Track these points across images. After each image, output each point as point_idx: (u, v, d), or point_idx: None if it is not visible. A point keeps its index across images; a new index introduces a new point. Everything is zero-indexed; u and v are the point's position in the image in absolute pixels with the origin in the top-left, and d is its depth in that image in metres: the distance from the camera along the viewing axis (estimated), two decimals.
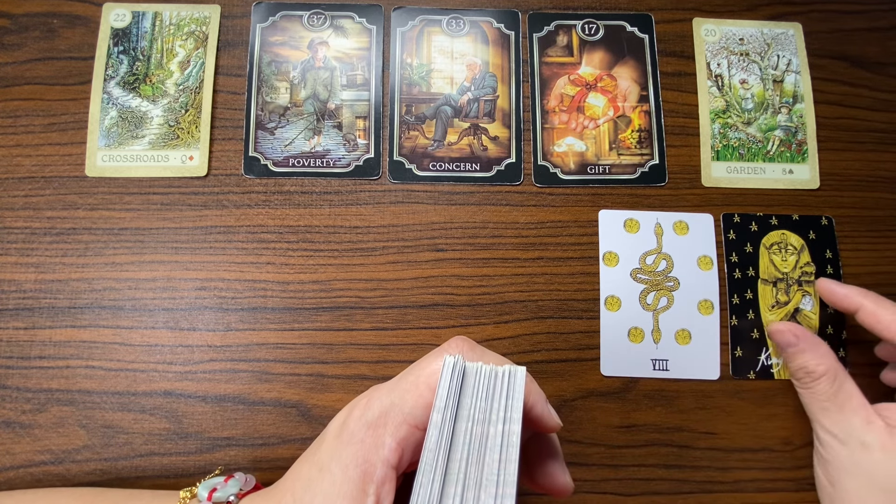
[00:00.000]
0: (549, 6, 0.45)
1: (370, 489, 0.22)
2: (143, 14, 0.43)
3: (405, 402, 0.22)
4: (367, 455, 0.22)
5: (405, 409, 0.22)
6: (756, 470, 0.39)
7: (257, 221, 0.41)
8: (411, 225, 0.41)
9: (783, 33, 0.45)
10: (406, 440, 0.22)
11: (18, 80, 0.42)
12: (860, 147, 0.44)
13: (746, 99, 0.44)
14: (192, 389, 0.38)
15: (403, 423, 0.22)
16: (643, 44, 0.45)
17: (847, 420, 0.34)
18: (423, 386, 0.22)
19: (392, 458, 0.22)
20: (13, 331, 0.38)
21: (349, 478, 0.22)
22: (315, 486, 0.23)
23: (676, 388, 0.40)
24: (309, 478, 0.24)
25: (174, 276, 0.40)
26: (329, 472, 0.22)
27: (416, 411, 0.22)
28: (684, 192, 0.43)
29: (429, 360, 0.23)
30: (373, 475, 0.22)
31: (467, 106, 0.43)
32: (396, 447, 0.22)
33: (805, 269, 0.41)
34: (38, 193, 0.40)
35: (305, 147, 0.42)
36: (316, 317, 0.40)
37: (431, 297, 0.40)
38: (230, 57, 0.43)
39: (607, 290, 0.41)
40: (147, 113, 0.42)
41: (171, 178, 0.41)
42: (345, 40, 0.44)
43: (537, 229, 0.41)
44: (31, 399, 0.38)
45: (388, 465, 0.22)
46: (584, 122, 0.43)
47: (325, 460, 0.23)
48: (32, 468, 0.37)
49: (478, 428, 0.21)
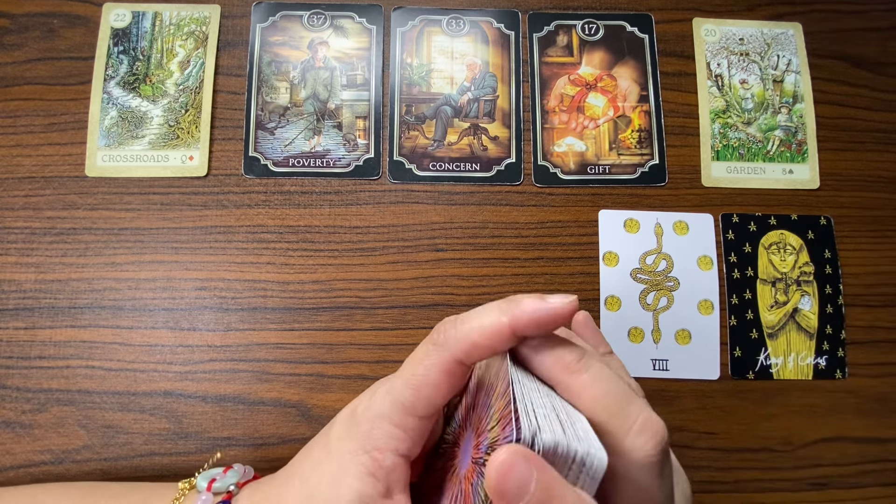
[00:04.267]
0: (549, 6, 0.45)
1: (380, 474, 0.22)
2: (143, 14, 0.43)
3: (405, 397, 0.22)
4: (376, 443, 0.22)
5: (406, 402, 0.22)
6: (756, 470, 0.39)
7: (257, 221, 0.41)
8: (411, 225, 0.41)
9: (783, 33, 0.45)
10: (414, 430, 0.22)
11: (18, 80, 0.42)
12: (860, 147, 0.44)
13: (746, 99, 0.44)
14: (193, 389, 0.38)
15: (407, 414, 0.22)
16: (643, 44, 0.45)
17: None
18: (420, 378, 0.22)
19: (401, 447, 0.22)
20: (13, 331, 0.38)
21: (358, 461, 0.22)
22: (323, 466, 0.23)
23: (676, 388, 0.40)
24: (318, 459, 0.24)
25: (174, 276, 0.40)
26: (338, 455, 0.23)
27: (417, 404, 0.22)
28: (684, 192, 0.43)
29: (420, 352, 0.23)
30: (382, 462, 0.22)
31: (467, 106, 0.43)
32: (404, 437, 0.22)
33: (804, 269, 0.41)
34: (38, 193, 0.40)
35: (305, 147, 0.42)
36: (316, 317, 0.40)
37: (431, 297, 0.40)
38: (230, 57, 0.43)
39: (607, 290, 0.41)
40: (147, 113, 0.42)
41: (171, 178, 0.41)
42: (345, 40, 0.44)
43: (537, 229, 0.41)
44: (31, 399, 0.38)
45: (396, 454, 0.22)
46: (584, 122, 0.43)
47: (335, 445, 0.23)
48: (32, 468, 0.37)
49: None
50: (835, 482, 0.39)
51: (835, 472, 0.39)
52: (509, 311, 0.21)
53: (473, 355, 0.22)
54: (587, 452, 0.19)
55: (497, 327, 0.21)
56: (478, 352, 0.21)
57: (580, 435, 0.19)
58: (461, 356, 0.22)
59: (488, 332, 0.21)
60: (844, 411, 0.40)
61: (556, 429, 0.19)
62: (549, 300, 0.21)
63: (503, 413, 0.20)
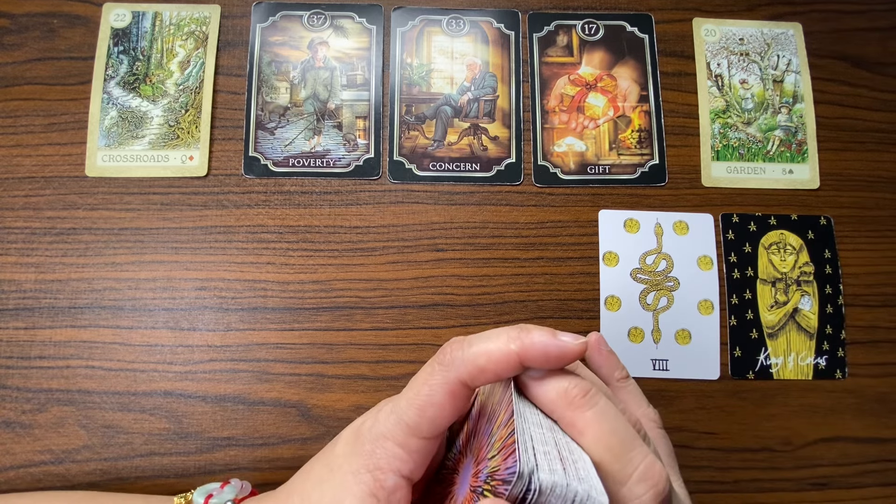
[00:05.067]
0: (549, 6, 0.45)
1: (381, 495, 0.22)
2: (143, 14, 0.43)
3: (410, 416, 0.22)
4: (378, 463, 0.22)
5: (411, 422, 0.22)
6: (756, 470, 0.39)
7: (257, 221, 0.41)
8: (411, 225, 0.41)
9: (783, 33, 0.45)
10: (417, 452, 0.22)
11: (18, 80, 0.42)
12: (860, 147, 0.44)
13: (746, 99, 0.44)
14: (192, 389, 0.38)
15: (411, 435, 0.22)
16: (643, 44, 0.45)
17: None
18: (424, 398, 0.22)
19: (403, 468, 0.22)
20: (13, 331, 0.38)
21: (360, 481, 0.22)
22: (325, 484, 0.23)
23: (676, 388, 0.40)
24: (320, 477, 0.24)
25: (174, 276, 0.40)
26: (341, 474, 0.23)
27: (421, 425, 0.22)
28: (684, 192, 0.43)
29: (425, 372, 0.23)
30: (384, 482, 0.22)
31: (467, 106, 0.43)
32: (407, 458, 0.22)
33: (804, 269, 0.41)
34: (38, 193, 0.40)
35: (305, 147, 0.42)
36: (316, 317, 0.40)
37: (431, 297, 0.40)
38: (230, 57, 0.43)
39: (607, 290, 0.41)
40: (147, 113, 0.42)
41: (171, 178, 0.41)
42: (345, 40, 0.44)
43: (537, 229, 0.41)
44: (31, 399, 0.38)
45: (398, 475, 0.22)
46: (584, 122, 0.43)
47: (338, 463, 0.23)
48: (32, 468, 0.37)
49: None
50: (835, 482, 0.39)
51: (835, 472, 0.39)
52: (518, 340, 0.21)
53: (478, 379, 0.21)
54: (587, 495, 0.19)
55: (504, 355, 0.21)
56: (483, 376, 0.21)
57: (581, 475, 0.19)
58: (466, 378, 0.21)
59: (495, 357, 0.21)
60: (844, 411, 0.40)
61: (555, 467, 0.19)
62: (561, 338, 0.21)
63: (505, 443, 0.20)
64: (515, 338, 0.21)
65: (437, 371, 0.22)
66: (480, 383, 0.22)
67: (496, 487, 0.19)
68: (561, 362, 0.21)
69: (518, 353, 0.21)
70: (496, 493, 0.19)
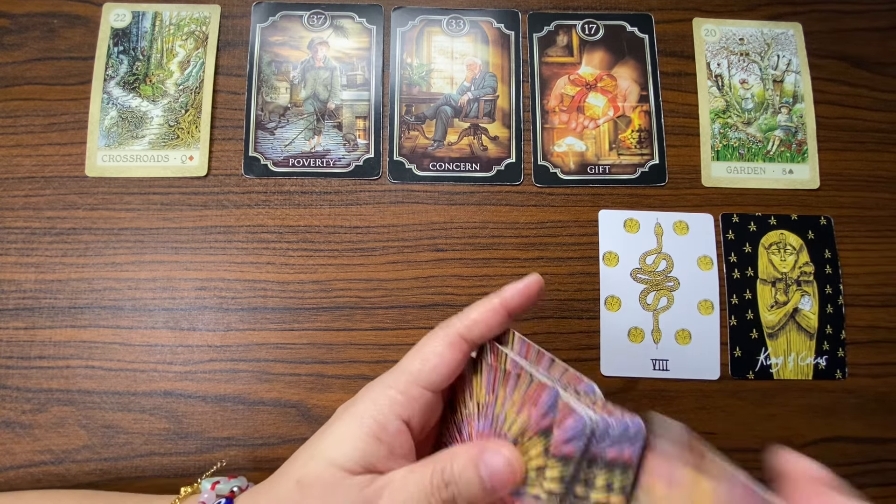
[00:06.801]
0: (549, 6, 0.45)
1: (384, 437, 0.24)
2: (143, 14, 0.43)
3: (413, 365, 0.25)
4: (381, 409, 0.24)
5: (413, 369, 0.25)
6: (756, 470, 0.39)
7: (257, 221, 0.41)
8: (411, 225, 0.41)
9: (783, 33, 0.45)
10: (417, 401, 0.24)
11: (18, 80, 0.42)
12: (860, 147, 0.44)
13: (746, 99, 0.44)
14: (192, 389, 0.38)
15: (413, 383, 0.25)
16: (643, 44, 0.45)
17: None
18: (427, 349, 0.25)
19: (404, 412, 0.24)
20: (13, 331, 0.38)
21: (363, 424, 0.24)
22: (328, 430, 0.25)
23: (676, 388, 0.40)
24: (323, 428, 0.26)
25: (174, 276, 0.40)
26: (343, 421, 0.25)
27: (423, 371, 0.25)
28: (684, 192, 0.43)
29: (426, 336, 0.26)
30: (386, 426, 0.24)
31: (467, 106, 0.43)
32: (408, 403, 0.24)
33: (804, 269, 0.41)
34: (38, 193, 0.40)
35: (305, 147, 0.42)
36: (316, 317, 0.40)
37: (431, 297, 0.40)
38: (230, 57, 0.43)
39: (607, 290, 0.41)
40: (147, 113, 0.42)
41: (171, 178, 0.41)
42: (345, 40, 0.44)
43: (537, 229, 0.41)
44: (31, 399, 0.38)
45: (399, 419, 0.24)
46: (584, 122, 0.43)
47: (340, 412, 0.26)
48: (32, 468, 0.37)
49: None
50: None
51: (835, 472, 0.39)
52: (497, 295, 0.26)
53: (473, 330, 0.25)
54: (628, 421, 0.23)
55: (490, 304, 0.26)
56: (477, 327, 0.25)
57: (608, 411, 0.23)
58: (462, 330, 0.25)
59: (482, 308, 0.26)
60: (844, 411, 0.40)
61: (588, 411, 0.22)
62: (521, 281, 0.27)
63: (526, 393, 0.23)
64: (494, 294, 0.26)
65: (437, 330, 0.26)
66: (476, 335, 0.25)
67: (560, 448, 0.21)
68: (531, 292, 0.26)
69: (500, 301, 0.26)
70: (565, 456, 0.21)
